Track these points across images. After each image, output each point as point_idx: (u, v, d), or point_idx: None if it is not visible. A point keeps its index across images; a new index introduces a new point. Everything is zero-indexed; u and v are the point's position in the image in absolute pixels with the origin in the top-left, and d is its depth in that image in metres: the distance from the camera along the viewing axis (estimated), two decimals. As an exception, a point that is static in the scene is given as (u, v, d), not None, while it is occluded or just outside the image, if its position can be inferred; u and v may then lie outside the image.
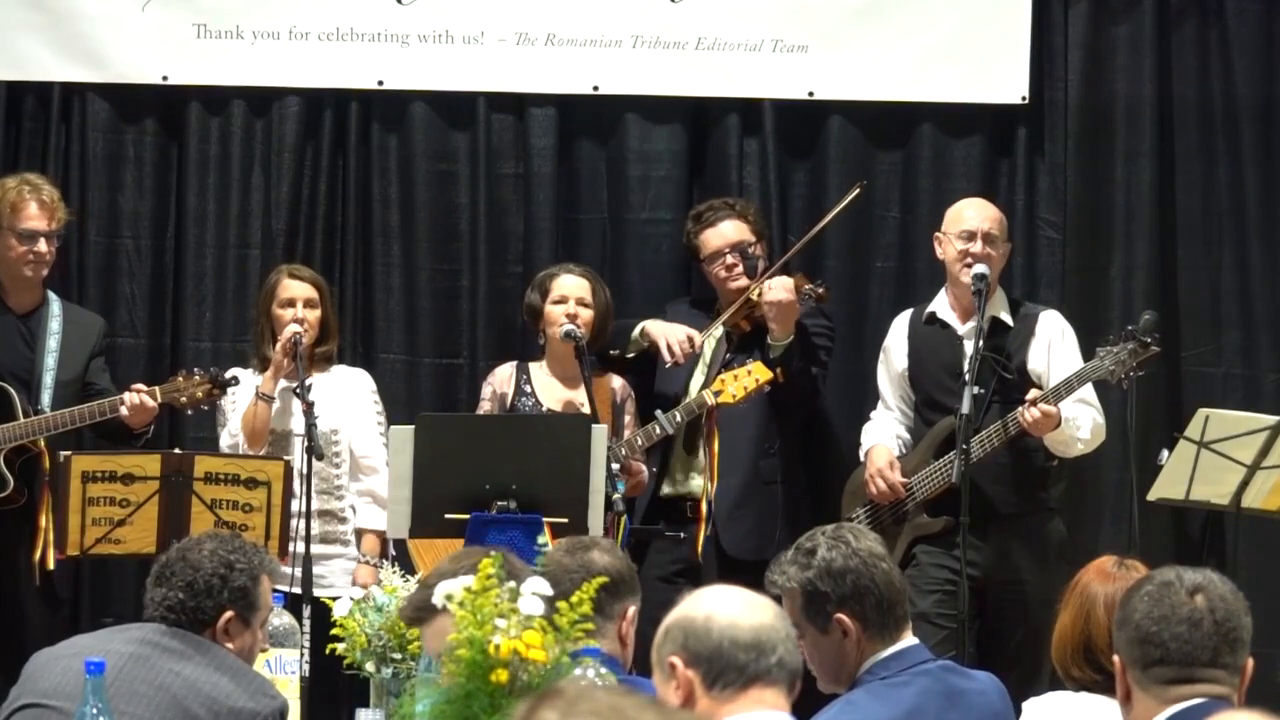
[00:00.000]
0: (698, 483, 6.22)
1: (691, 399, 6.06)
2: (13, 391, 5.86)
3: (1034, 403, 5.84)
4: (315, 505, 5.98)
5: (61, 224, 6.08)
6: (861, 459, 6.25)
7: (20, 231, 5.99)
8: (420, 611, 3.68)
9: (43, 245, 6.00)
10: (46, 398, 5.93)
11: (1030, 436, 5.97)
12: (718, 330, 6.35)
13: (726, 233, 6.34)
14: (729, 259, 6.31)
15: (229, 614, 3.78)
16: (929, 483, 6.00)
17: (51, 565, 5.71)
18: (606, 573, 3.95)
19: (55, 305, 6.11)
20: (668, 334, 6.26)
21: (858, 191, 6.40)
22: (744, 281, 6.29)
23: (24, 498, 5.82)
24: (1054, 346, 6.10)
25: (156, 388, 5.84)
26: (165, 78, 6.77)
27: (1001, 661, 5.74)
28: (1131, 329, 5.92)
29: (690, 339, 6.23)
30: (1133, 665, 3.11)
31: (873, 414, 6.31)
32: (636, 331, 6.33)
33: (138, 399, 5.77)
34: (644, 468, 6.13)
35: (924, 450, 6.07)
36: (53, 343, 6.01)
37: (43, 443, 5.79)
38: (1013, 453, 6.00)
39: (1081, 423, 5.98)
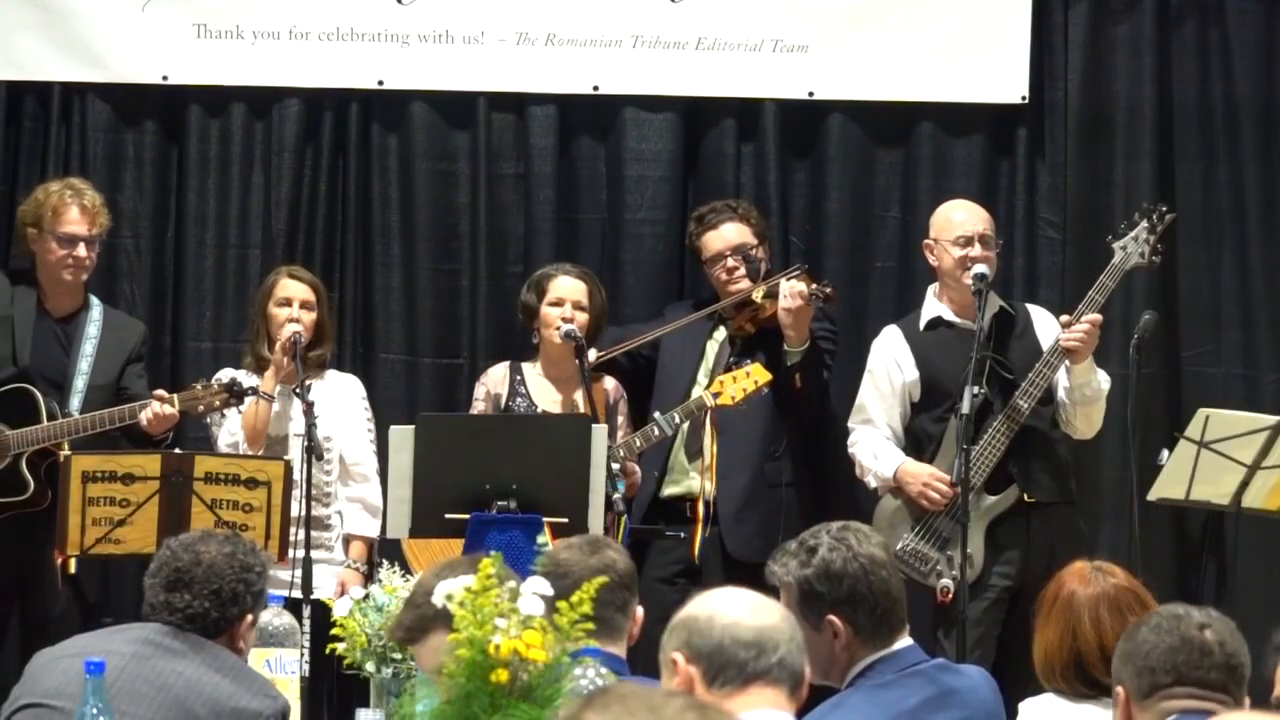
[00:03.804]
0: (697, 483, 6.23)
1: (690, 400, 6.06)
2: (38, 394, 5.86)
3: (1072, 321, 5.83)
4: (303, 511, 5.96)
5: (103, 229, 6.09)
6: (873, 485, 6.18)
7: (60, 235, 5.99)
8: (411, 632, 3.65)
9: (82, 250, 6.00)
10: (75, 402, 5.94)
11: (1056, 429, 6.05)
12: (720, 333, 6.35)
13: (728, 235, 6.35)
14: (730, 261, 6.32)
15: (249, 618, 3.81)
16: (976, 467, 5.89)
17: (73, 569, 5.69)
18: (628, 572, 3.98)
19: (96, 310, 6.11)
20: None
21: (797, 271, 6.31)
22: (745, 284, 6.29)
23: (47, 500, 5.81)
24: (1053, 326, 6.09)
25: (175, 395, 5.84)
26: (165, 78, 6.77)
27: (1017, 662, 5.73)
28: (1146, 205, 5.99)
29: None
30: (1139, 694, 3.13)
31: (857, 437, 6.23)
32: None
33: (159, 407, 5.77)
34: (637, 469, 6.13)
35: (953, 444, 6.00)
36: (88, 347, 6.01)
37: (66, 446, 5.78)
38: (1044, 439, 6.01)
39: (1097, 369, 6.01)
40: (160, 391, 5.87)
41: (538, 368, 6.20)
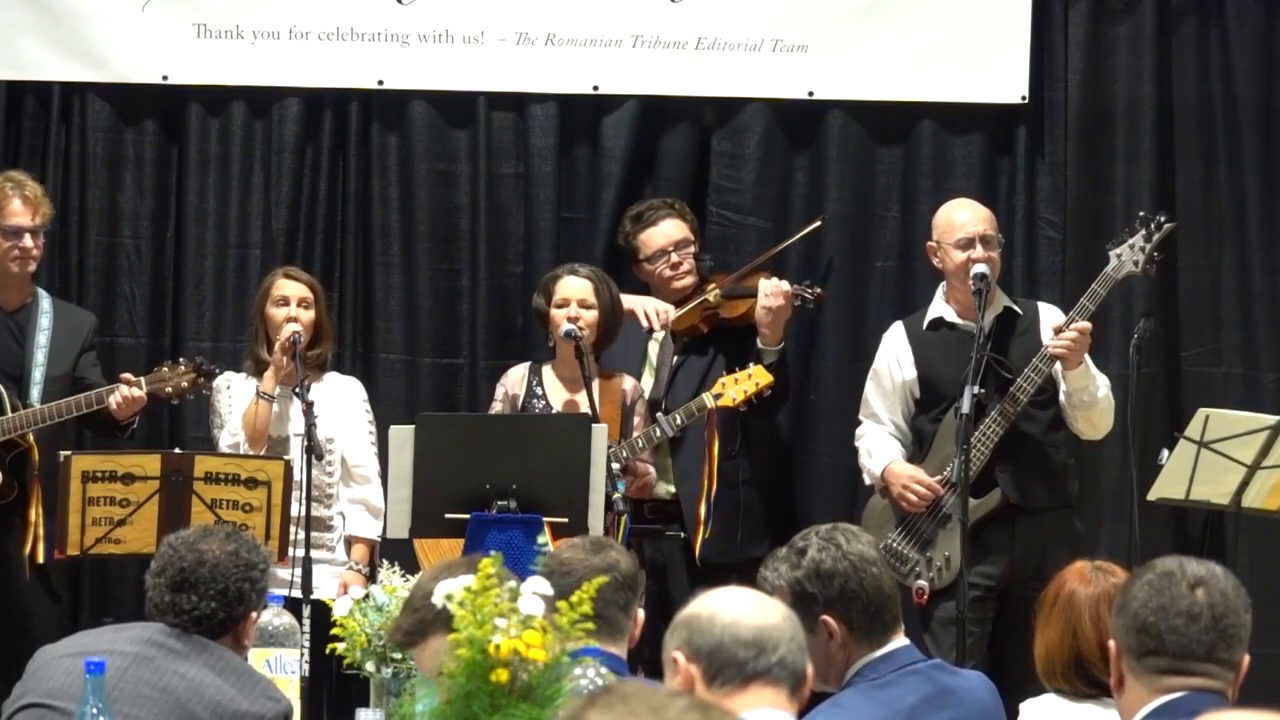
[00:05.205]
0: (661, 486, 6.23)
1: (691, 402, 6.06)
2: (0, 388, 5.86)
3: (1062, 328, 5.83)
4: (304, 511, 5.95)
5: (47, 219, 6.08)
6: (868, 482, 6.21)
7: (4, 228, 6.00)
8: (411, 635, 3.65)
9: (28, 240, 6.00)
10: (35, 393, 5.93)
11: (1055, 432, 6.04)
12: (660, 333, 6.36)
13: (669, 232, 6.37)
14: (674, 257, 6.35)
15: (253, 615, 3.81)
16: (956, 469, 5.91)
17: (41, 559, 5.71)
18: (631, 573, 3.99)
19: (45, 302, 6.11)
20: (643, 304, 6.29)
21: (818, 225, 6.47)
22: (689, 280, 6.32)
23: (14, 493, 5.82)
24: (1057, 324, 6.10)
25: (142, 378, 5.85)
26: (165, 78, 6.77)
27: (1014, 660, 5.74)
28: (1144, 214, 5.98)
29: (665, 312, 6.27)
30: (1128, 652, 3.11)
31: (860, 432, 6.24)
32: None
33: (128, 391, 5.78)
34: (650, 469, 6.13)
35: (944, 442, 6.00)
36: (42, 339, 6.01)
37: (31, 437, 5.79)
38: (1036, 446, 6.01)
39: (1095, 371, 6.00)
40: (127, 375, 5.87)
41: (553, 369, 6.19)
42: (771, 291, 6.11)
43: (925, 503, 5.99)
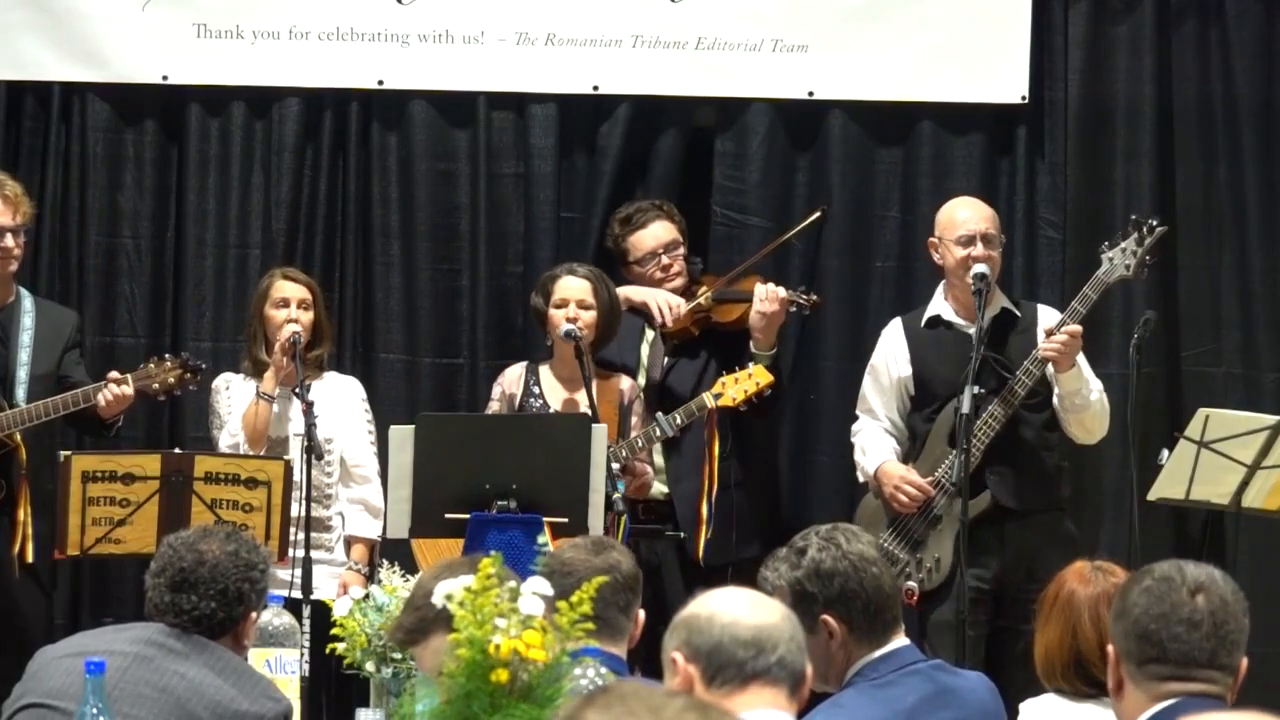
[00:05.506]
0: (654, 486, 6.24)
1: (691, 402, 6.06)
2: None
3: (1054, 330, 5.83)
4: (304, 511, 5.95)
5: (28, 218, 6.04)
6: (862, 479, 6.21)
7: None
8: (411, 634, 3.65)
9: (9, 240, 5.95)
10: (21, 393, 5.91)
11: (1050, 434, 6.04)
12: (649, 334, 6.36)
13: (659, 234, 6.38)
14: (664, 259, 6.35)
15: (253, 615, 3.81)
16: (953, 470, 5.91)
17: (31, 558, 5.71)
18: (632, 573, 3.99)
19: (27, 301, 6.08)
20: (655, 296, 6.28)
21: (819, 215, 6.50)
22: (679, 283, 6.33)
23: (2, 492, 5.81)
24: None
25: (129, 375, 5.83)
26: (165, 78, 6.77)
27: (1008, 661, 5.74)
28: (1136, 218, 5.98)
29: (678, 306, 6.27)
30: (1128, 659, 3.11)
31: (857, 428, 6.25)
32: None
33: (116, 389, 5.77)
34: (648, 469, 6.13)
35: (936, 442, 6.02)
36: (26, 338, 5.99)
37: (19, 436, 5.78)
38: (1028, 450, 6.00)
39: (1088, 375, 5.99)
40: (114, 373, 5.86)
41: (551, 369, 6.19)
42: (766, 297, 6.11)
43: (916, 504, 5.99)
